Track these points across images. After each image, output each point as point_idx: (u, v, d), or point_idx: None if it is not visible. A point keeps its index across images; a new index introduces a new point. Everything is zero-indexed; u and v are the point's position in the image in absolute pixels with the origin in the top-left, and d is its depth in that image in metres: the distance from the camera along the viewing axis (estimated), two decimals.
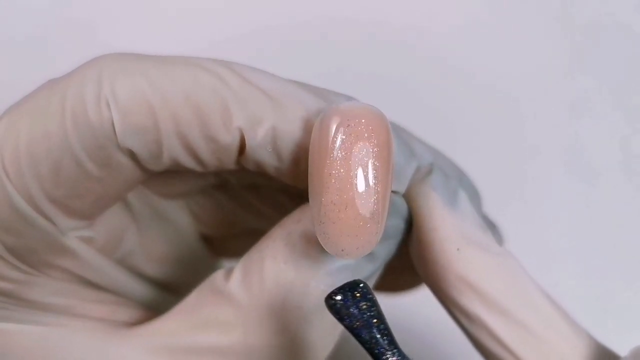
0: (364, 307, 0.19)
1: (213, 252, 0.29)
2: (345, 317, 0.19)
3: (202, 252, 0.28)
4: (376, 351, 0.19)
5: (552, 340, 0.21)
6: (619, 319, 0.35)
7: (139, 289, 0.26)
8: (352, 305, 0.19)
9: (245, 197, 0.27)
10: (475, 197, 0.26)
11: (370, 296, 0.19)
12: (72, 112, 0.21)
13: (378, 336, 0.19)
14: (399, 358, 0.19)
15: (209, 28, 0.37)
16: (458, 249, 0.22)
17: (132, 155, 0.21)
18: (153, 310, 0.25)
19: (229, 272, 0.23)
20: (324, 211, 0.20)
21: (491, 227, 0.27)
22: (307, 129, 0.21)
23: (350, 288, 0.19)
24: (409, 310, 0.30)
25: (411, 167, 0.22)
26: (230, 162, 0.22)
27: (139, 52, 0.22)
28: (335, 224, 0.20)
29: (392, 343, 0.19)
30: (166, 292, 0.27)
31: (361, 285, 0.19)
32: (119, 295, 0.25)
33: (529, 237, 0.26)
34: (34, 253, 0.23)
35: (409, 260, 0.24)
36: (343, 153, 0.20)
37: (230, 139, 0.21)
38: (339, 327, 0.23)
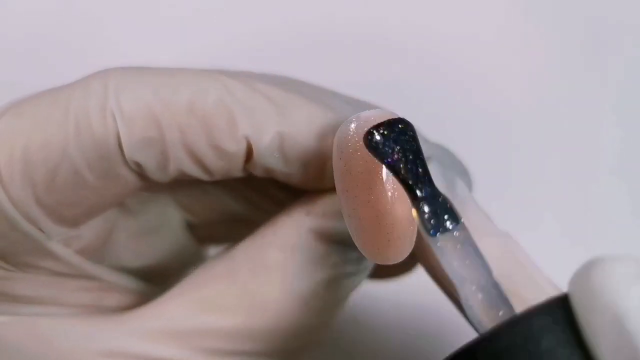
0: (403, 141, 0.20)
1: (198, 240, 0.29)
2: (383, 152, 0.19)
3: (187, 241, 0.28)
4: (409, 182, 0.19)
5: None
6: None
7: (124, 281, 0.26)
8: (390, 140, 0.20)
9: (231, 183, 0.27)
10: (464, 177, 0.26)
11: (411, 133, 0.20)
12: (75, 122, 0.21)
13: (409, 167, 0.19)
14: (428, 189, 0.19)
15: (208, 30, 0.38)
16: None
17: (137, 167, 0.22)
18: (141, 296, 0.25)
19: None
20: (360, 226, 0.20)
21: (463, 173, 0.27)
22: (314, 133, 0.21)
23: (389, 125, 0.20)
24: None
25: None
26: (237, 169, 0.22)
27: (144, 65, 0.22)
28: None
29: (425, 175, 0.19)
30: (152, 282, 0.27)
31: (401, 123, 0.20)
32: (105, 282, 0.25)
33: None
34: (15, 255, 0.23)
35: None
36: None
37: (236, 147, 0.21)
38: (339, 312, 0.23)
